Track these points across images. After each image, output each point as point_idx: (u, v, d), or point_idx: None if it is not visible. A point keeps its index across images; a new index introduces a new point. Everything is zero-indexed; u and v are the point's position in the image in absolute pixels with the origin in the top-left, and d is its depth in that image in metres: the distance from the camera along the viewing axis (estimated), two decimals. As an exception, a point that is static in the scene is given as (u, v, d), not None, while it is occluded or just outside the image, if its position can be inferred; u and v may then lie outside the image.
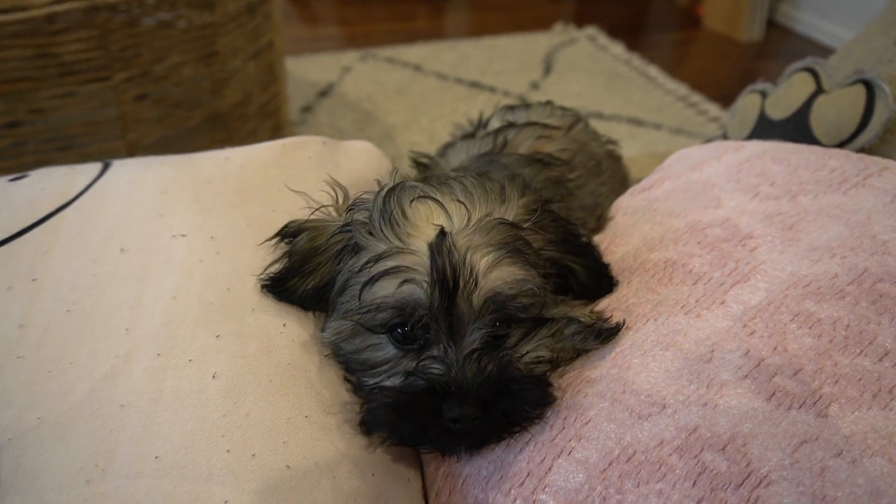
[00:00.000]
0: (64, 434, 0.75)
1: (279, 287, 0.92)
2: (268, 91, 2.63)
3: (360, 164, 1.20)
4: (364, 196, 0.93)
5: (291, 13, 4.58)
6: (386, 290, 0.81)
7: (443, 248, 0.80)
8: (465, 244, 0.82)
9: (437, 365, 0.80)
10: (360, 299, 0.83)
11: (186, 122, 2.31)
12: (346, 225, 0.90)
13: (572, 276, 0.93)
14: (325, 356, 0.90)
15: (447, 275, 0.79)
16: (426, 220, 0.85)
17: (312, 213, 0.97)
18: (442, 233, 0.82)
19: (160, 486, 0.72)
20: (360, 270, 0.84)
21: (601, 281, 0.97)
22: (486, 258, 0.81)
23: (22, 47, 1.90)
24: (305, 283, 0.91)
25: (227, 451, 0.75)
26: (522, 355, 0.85)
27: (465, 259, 0.80)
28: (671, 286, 0.93)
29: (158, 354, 0.82)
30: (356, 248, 0.87)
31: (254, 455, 0.76)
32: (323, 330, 0.90)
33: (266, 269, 0.94)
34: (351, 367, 0.89)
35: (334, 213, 0.97)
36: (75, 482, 0.71)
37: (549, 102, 1.38)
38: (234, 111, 2.43)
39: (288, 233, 0.96)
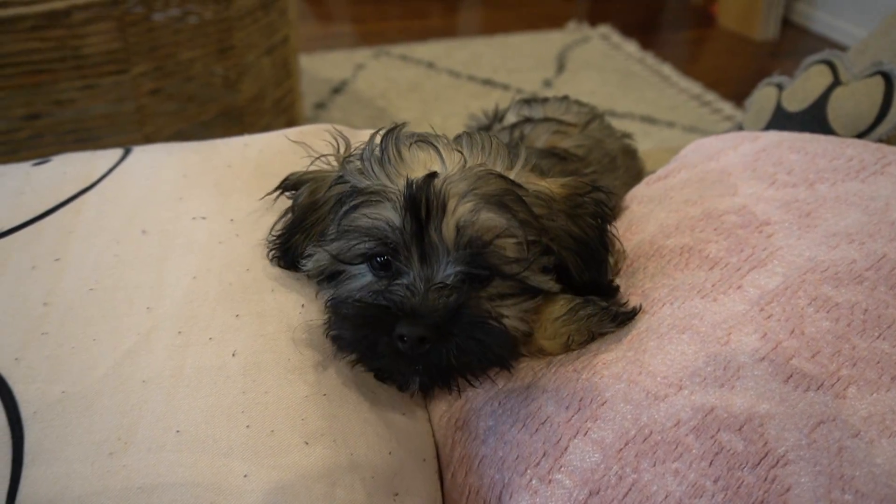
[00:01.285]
0: (87, 408, 0.76)
1: (284, 245, 0.93)
2: (282, 87, 2.65)
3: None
4: (361, 147, 0.93)
5: (306, 11, 4.60)
6: (363, 216, 0.83)
7: (422, 184, 0.81)
8: (447, 185, 0.82)
9: (403, 290, 0.81)
10: (338, 226, 0.85)
11: (202, 116, 2.32)
12: (342, 176, 0.90)
13: (565, 268, 0.90)
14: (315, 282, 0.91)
15: (419, 202, 0.80)
16: (421, 164, 0.85)
17: (312, 164, 0.97)
18: (431, 175, 0.82)
19: (181, 459, 0.73)
20: (345, 205, 0.85)
21: (596, 288, 0.92)
22: (464, 200, 0.81)
23: (41, 40, 1.92)
24: (308, 239, 0.91)
25: (247, 426, 0.76)
26: (496, 306, 0.84)
27: (440, 194, 0.81)
28: (687, 271, 0.93)
29: (179, 332, 0.83)
30: (352, 194, 0.87)
31: (272, 431, 0.77)
32: (303, 258, 0.90)
33: (272, 228, 0.95)
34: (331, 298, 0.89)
35: (335, 163, 0.97)
36: (98, 454, 0.73)
37: (565, 97, 1.38)
38: (248, 106, 2.44)
39: (289, 185, 0.97)
